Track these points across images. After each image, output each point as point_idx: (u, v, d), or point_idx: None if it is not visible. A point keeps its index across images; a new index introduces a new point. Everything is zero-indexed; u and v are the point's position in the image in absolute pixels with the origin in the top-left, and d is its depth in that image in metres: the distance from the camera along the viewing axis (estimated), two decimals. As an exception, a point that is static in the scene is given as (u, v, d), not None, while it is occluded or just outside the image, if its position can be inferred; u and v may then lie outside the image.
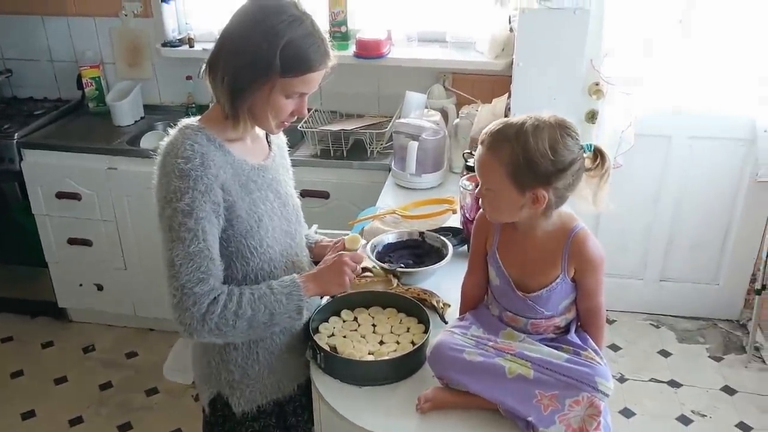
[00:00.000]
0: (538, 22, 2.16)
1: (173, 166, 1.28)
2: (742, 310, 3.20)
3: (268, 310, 1.35)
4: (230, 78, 1.31)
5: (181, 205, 1.27)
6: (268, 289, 1.37)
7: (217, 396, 1.53)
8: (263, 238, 1.42)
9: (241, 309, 1.32)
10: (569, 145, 1.24)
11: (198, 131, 1.33)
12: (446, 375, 1.34)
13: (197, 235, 1.28)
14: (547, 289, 1.33)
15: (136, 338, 3.17)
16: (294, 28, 1.28)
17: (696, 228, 3.12)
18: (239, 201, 1.37)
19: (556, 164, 1.23)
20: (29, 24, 3.24)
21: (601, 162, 1.29)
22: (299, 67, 1.30)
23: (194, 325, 1.29)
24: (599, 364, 1.30)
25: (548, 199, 1.25)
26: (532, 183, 1.24)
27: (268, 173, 1.47)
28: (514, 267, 1.37)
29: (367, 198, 2.51)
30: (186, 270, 1.28)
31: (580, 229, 1.32)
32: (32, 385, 2.90)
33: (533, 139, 1.22)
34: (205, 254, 1.29)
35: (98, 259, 3.05)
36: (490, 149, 1.27)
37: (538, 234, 1.33)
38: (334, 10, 2.85)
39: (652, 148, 2.98)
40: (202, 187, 1.28)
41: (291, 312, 1.38)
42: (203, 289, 1.29)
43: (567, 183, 1.25)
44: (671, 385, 2.84)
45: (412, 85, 2.82)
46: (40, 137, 2.97)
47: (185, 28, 3.19)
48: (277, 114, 1.36)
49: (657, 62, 2.69)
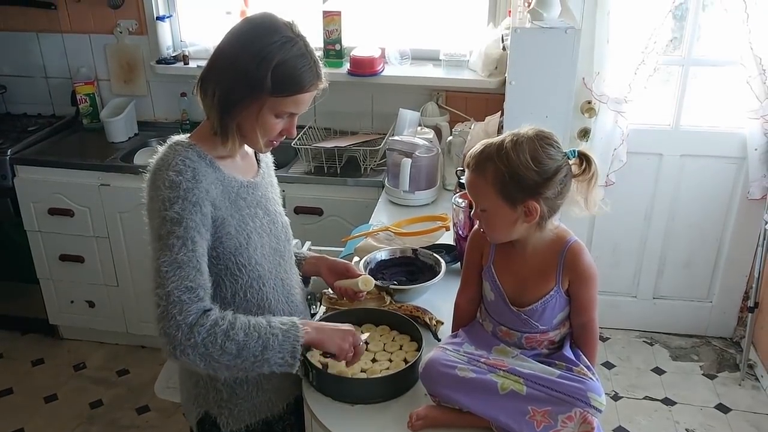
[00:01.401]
0: (530, 41, 2.18)
1: (164, 178, 1.27)
2: (735, 327, 3.21)
3: (262, 340, 1.26)
4: (221, 94, 1.31)
5: (171, 213, 1.25)
6: (265, 320, 1.30)
7: (204, 416, 1.51)
8: (252, 255, 1.41)
9: (233, 330, 1.24)
10: (551, 154, 1.26)
11: (188, 147, 1.33)
12: (438, 391, 1.33)
13: (186, 244, 1.24)
14: (541, 302, 1.33)
15: (127, 356, 3.15)
16: (287, 49, 1.29)
17: (688, 246, 3.13)
18: (229, 218, 1.36)
19: (541, 174, 1.25)
20: (24, 41, 3.25)
21: (588, 166, 1.31)
22: (290, 87, 1.31)
23: (180, 337, 1.20)
24: (591, 380, 1.30)
25: (541, 210, 1.27)
26: (521, 196, 1.26)
27: (258, 190, 1.47)
28: (509, 282, 1.37)
29: (360, 215, 2.51)
30: (174, 277, 1.22)
31: (575, 242, 1.34)
32: (22, 402, 2.87)
33: (514, 154, 1.24)
34: (194, 264, 1.25)
35: (90, 275, 3.03)
36: (476, 171, 1.29)
37: (533, 248, 1.34)
38: (329, 27, 2.87)
39: (645, 166, 3.00)
40: (192, 198, 1.27)
41: (285, 352, 1.28)
42: (190, 297, 1.22)
43: (556, 191, 1.27)
44: (665, 402, 2.83)
45: (405, 103, 2.84)
46: (34, 153, 2.97)
47: (180, 46, 3.21)
48: (265, 132, 1.36)
49: (648, 80, 2.72)
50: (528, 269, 1.35)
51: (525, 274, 1.35)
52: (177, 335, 1.21)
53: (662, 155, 2.99)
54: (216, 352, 1.23)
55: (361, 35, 2.99)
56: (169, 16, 3.14)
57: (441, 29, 2.98)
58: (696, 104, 2.90)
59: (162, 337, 1.22)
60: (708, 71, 2.87)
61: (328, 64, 2.91)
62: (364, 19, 3.01)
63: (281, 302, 1.49)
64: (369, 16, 3.02)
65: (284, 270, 1.53)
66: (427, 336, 1.54)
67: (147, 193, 1.31)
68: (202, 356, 1.22)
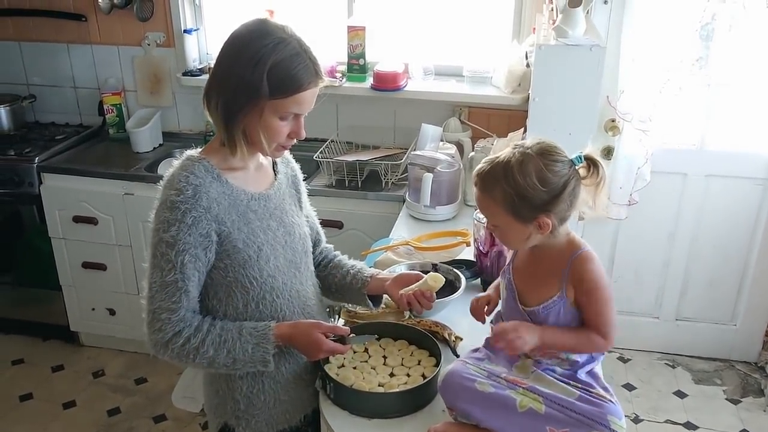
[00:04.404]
0: (554, 58, 2.17)
1: (167, 197, 1.33)
2: (760, 351, 3.14)
3: (231, 356, 1.36)
4: (222, 105, 1.33)
5: (167, 236, 1.31)
6: (237, 333, 1.37)
7: (224, 426, 1.51)
8: (263, 267, 1.41)
9: (203, 348, 1.34)
10: (557, 171, 1.26)
11: (197, 162, 1.35)
12: (456, 404, 1.32)
13: (175, 267, 1.31)
14: (543, 306, 1.32)
15: (146, 364, 3.16)
16: (280, 50, 1.29)
17: (712, 267, 3.08)
18: (235, 231, 1.37)
19: (549, 192, 1.25)
20: (55, 51, 3.31)
21: (595, 170, 1.29)
22: (288, 87, 1.31)
23: (157, 348, 1.35)
24: (610, 402, 1.28)
25: (552, 223, 1.27)
26: (532, 214, 1.27)
27: (271, 202, 1.47)
28: (521, 279, 1.39)
29: (380, 229, 2.51)
30: (159, 297, 1.33)
31: (584, 251, 1.31)
32: (41, 408, 2.89)
33: (520, 176, 1.24)
34: (179, 286, 1.32)
35: (112, 283, 3.06)
36: (484, 191, 1.30)
37: (545, 250, 1.34)
38: (353, 42, 2.89)
39: (669, 186, 2.97)
40: (189, 220, 1.31)
41: (256, 362, 1.38)
42: (171, 318, 1.32)
43: (566, 204, 1.28)
44: (687, 427, 2.78)
45: (428, 118, 2.84)
46: (60, 162, 3.01)
47: (206, 58, 3.25)
48: (272, 137, 1.36)
49: (673, 100, 2.70)
50: (537, 269, 1.35)
51: (534, 274, 1.36)
52: (156, 346, 1.36)
53: (687, 175, 2.96)
54: (189, 363, 1.36)
55: (385, 50, 3.01)
56: (197, 29, 3.19)
57: (465, 45, 2.99)
58: (722, 124, 2.86)
59: (147, 341, 1.37)
60: (734, 91, 2.83)
61: (351, 78, 2.93)
62: (389, 35, 3.02)
63: (296, 314, 1.49)
64: (393, 31, 3.03)
65: (300, 282, 1.52)
66: (445, 352, 1.53)
67: (156, 204, 1.36)
68: (178, 362, 1.37)
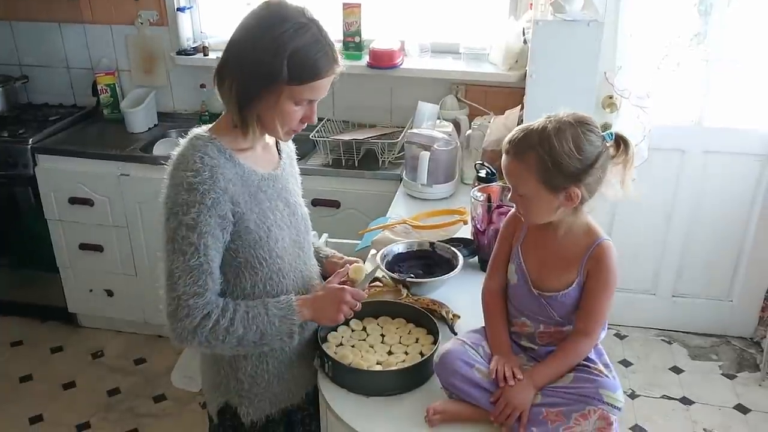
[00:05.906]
0: (552, 34, 2.16)
1: (182, 178, 1.29)
2: (756, 327, 3.16)
3: (260, 330, 1.35)
4: (238, 86, 1.31)
5: (187, 218, 1.28)
6: (263, 308, 1.37)
7: (225, 406, 1.52)
8: (273, 248, 1.41)
9: (233, 326, 1.33)
10: (593, 140, 1.25)
11: (209, 142, 1.34)
12: (452, 384, 1.33)
13: (198, 250, 1.29)
14: (562, 293, 1.32)
15: (145, 345, 3.17)
16: (300, 36, 1.28)
17: (709, 243, 3.09)
18: (248, 212, 1.37)
19: (583, 162, 1.24)
20: (47, 31, 3.27)
21: (625, 148, 1.30)
22: (307, 74, 1.30)
23: (185, 335, 1.31)
24: (606, 377, 1.29)
25: (582, 196, 1.26)
26: (563, 183, 1.25)
27: (278, 182, 1.47)
28: (534, 263, 1.37)
29: (377, 208, 2.51)
30: (183, 282, 1.29)
31: (605, 241, 1.32)
32: (41, 389, 2.90)
33: (557, 142, 1.23)
34: (204, 268, 1.30)
35: (109, 264, 3.06)
36: (517, 157, 1.28)
37: (564, 234, 1.32)
38: (348, 20, 2.86)
39: (666, 163, 2.96)
40: (209, 201, 1.29)
41: (282, 335, 1.38)
42: (198, 302, 1.30)
43: (597, 177, 1.27)
44: (683, 402, 2.80)
45: (424, 96, 2.82)
46: (54, 143, 2.99)
47: (200, 37, 3.22)
48: (285, 121, 1.36)
49: (671, 76, 2.68)
50: (553, 253, 1.34)
51: (550, 258, 1.34)
52: (183, 334, 1.32)
53: (684, 152, 2.95)
54: (218, 345, 1.34)
55: (381, 28, 2.98)
56: (190, 7, 3.15)
57: (461, 22, 2.96)
58: (720, 101, 2.85)
59: (170, 332, 1.34)
60: (733, 67, 2.81)
61: (347, 56, 2.90)
62: (384, 12, 2.99)
63: (300, 294, 1.49)
64: (389, 8, 3.00)
65: (303, 261, 1.53)
66: (443, 329, 1.53)
67: (166, 188, 1.33)
68: (206, 347, 1.35)
